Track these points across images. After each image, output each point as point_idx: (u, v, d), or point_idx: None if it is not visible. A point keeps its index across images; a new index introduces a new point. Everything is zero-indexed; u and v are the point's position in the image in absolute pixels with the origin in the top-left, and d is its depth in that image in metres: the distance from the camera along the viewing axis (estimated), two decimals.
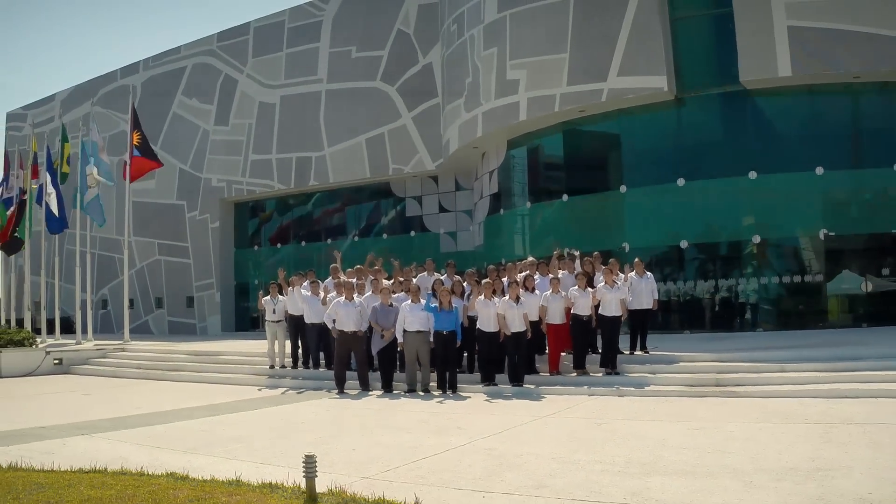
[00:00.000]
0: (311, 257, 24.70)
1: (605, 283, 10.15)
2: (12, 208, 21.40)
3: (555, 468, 5.58)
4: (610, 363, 10.18)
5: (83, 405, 10.54)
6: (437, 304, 10.20)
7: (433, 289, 10.68)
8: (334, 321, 10.81)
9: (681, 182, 15.64)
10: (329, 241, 24.89)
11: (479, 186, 20.96)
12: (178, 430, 8.04)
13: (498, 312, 9.92)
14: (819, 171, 14.94)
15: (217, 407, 9.76)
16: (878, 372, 9.19)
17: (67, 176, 20.78)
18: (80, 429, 8.15)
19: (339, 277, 11.93)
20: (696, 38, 15.77)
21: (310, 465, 4.82)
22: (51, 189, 19.70)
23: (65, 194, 20.23)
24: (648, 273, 11.10)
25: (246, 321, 26.44)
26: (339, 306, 10.74)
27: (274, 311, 12.46)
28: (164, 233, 27.29)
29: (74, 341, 19.37)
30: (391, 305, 10.67)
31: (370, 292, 11.25)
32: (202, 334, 25.61)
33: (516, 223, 18.80)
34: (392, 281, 11.48)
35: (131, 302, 28.03)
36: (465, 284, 11.02)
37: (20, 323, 21.32)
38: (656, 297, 11.02)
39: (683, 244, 15.78)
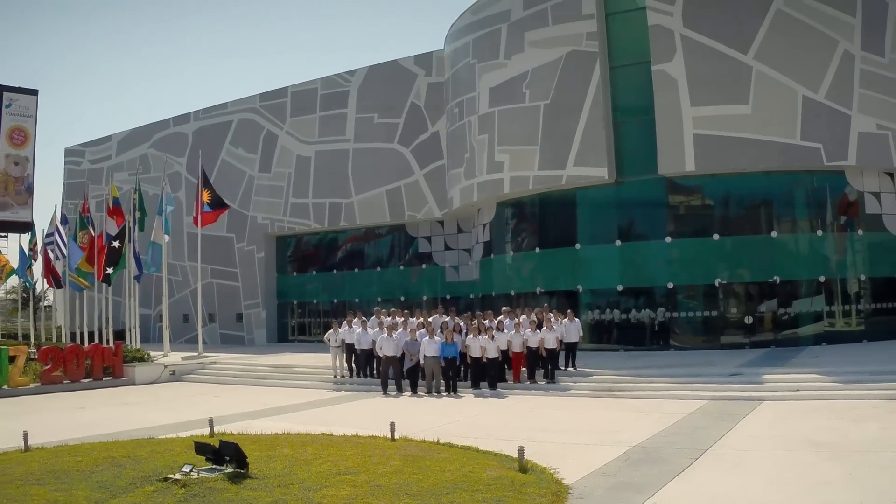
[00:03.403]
0: (339, 284, 32.34)
1: (546, 327, 17.60)
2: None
3: (499, 428, 13.01)
4: (550, 376, 17.64)
5: (224, 402, 17.90)
6: (445, 339, 17.64)
7: (441, 328, 18.13)
8: (381, 348, 18.25)
9: (618, 243, 23.06)
10: (356, 269, 32.48)
11: (476, 233, 28.43)
12: (304, 415, 15.43)
13: (480, 345, 17.37)
14: (716, 237, 22.32)
15: (314, 403, 17.22)
16: (706, 384, 16.45)
17: (144, 219, 28.31)
18: (247, 416, 15.40)
19: (380, 319, 19.48)
20: (629, 139, 23.04)
21: (391, 426, 12.20)
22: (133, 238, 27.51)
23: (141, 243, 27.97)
24: (576, 318, 18.62)
25: (286, 333, 34.06)
26: (383, 340, 18.19)
27: (336, 340, 19.95)
28: (216, 259, 34.68)
29: (162, 353, 26.85)
30: (416, 339, 18.11)
31: (401, 329, 18.71)
32: (250, 345, 33.19)
33: (502, 266, 26.25)
34: (417, 323, 18.88)
35: (185, 317, 35.81)
36: (461, 324, 18.50)
37: (118, 336, 28.52)
38: (581, 334, 18.62)
39: (619, 287, 23.17)
